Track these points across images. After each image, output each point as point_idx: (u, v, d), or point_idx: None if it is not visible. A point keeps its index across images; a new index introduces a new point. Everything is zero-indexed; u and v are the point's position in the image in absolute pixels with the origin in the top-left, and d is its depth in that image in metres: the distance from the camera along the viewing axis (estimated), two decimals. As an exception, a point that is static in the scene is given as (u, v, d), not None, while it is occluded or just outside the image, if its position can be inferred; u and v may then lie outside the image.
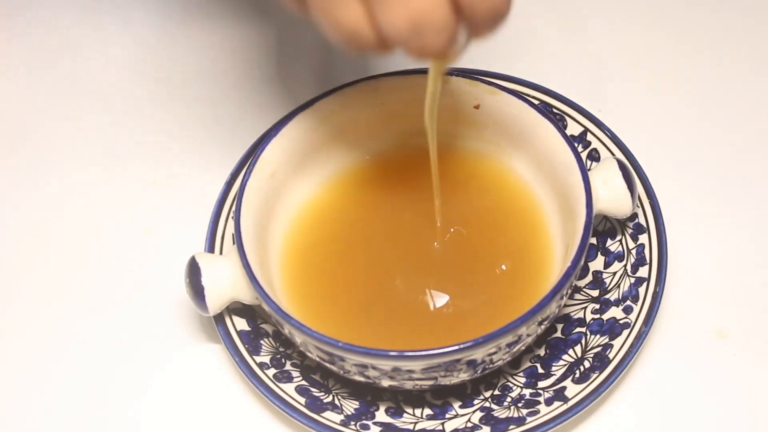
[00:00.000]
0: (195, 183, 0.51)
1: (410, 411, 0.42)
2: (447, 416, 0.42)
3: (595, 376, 0.41)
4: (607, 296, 0.44)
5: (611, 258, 0.45)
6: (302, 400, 0.42)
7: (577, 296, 0.45)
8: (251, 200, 0.43)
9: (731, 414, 0.42)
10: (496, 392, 0.42)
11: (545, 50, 0.55)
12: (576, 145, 0.45)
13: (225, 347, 0.43)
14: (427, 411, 0.42)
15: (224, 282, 0.42)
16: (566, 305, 0.45)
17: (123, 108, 0.55)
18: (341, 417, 0.41)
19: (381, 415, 0.42)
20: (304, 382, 0.43)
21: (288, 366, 0.43)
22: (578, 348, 0.43)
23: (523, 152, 0.45)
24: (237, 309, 0.44)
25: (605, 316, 0.43)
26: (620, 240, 0.46)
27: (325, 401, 0.42)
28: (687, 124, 0.51)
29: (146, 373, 0.45)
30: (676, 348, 0.44)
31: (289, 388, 0.42)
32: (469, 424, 0.41)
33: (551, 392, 0.41)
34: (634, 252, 0.45)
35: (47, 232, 0.50)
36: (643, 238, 0.45)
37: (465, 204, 0.46)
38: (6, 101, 0.56)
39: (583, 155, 0.47)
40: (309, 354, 0.40)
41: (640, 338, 0.42)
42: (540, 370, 0.43)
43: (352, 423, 0.41)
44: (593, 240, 0.46)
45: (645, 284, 0.43)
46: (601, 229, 0.46)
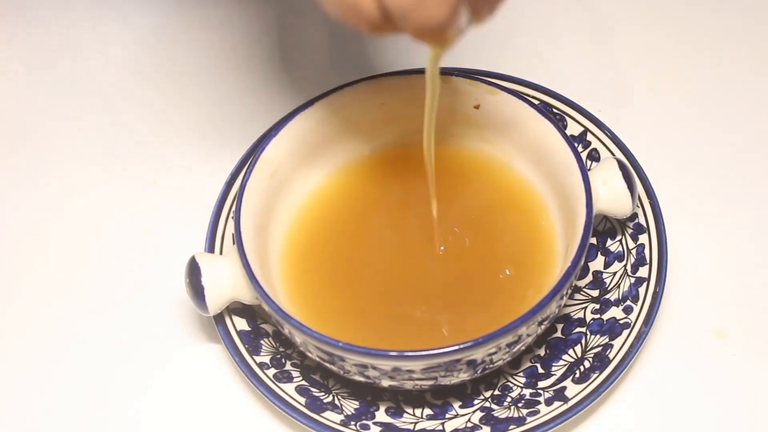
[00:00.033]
0: (195, 183, 0.51)
1: (410, 411, 0.42)
2: (447, 416, 0.42)
3: (595, 376, 0.41)
4: (607, 296, 0.44)
5: (611, 258, 0.45)
6: (302, 400, 0.42)
7: (577, 296, 0.45)
8: (251, 200, 0.43)
9: (731, 414, 0.42)
10: (496, 392, 0.42)
11: (545, 51, 0.55)
12: (576, 145, 0.45)
13: (225, 347, 0.43)
14: (427, 411, 0.42)
15: (224, 282, 0.42)
16: (566, 305, 0.45)
17: (123, 108, 0.54)
18: (341, 417, 0.41)
19: (381, 415, 0.42)
20: (304, 382, 0.43)
21: (288, 366, 0.43)
22: (578, 348, 0.43)
23: (523, 152, 0.45)
24: (237, 309, 0.44)
25: (605, 316, 0.43)
26: (620, 240, 0.46)
27: (325, 401, 0.42)
28: (687, 124, 0.51)
29: (146, 373, 0.45)
30: (676, 348, 0.44)
31: (289, 388, 0.42)
32: (469, 424, 0.41)
33: (551, 392, 0.41)
34: (634, 252, 0.45)
35: (47, 232, 0.50)
36: (643, 238, 0.45)
37: (465, 204, 0.46)
38: (6, 101, 0.56)
39: (583, 155, 0.47)
40: (309, 354, 0.40)
41: (640, 338, 0.42)
42: (540, 370, 0.43)
43: (352, 423, 0.41)
44: (593, 240, 0.46)
45: (645, 284, 0.43)
46: (601, 229, 0.46)
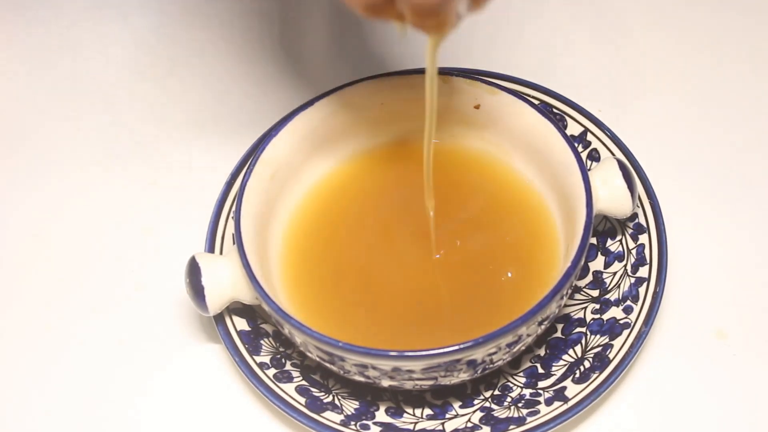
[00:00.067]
0: (195, 183, 0.51)
1: (410, 411, 0.42)
2: (447, 416, 0.42)
3: (595, 376, 0.41)
4: (607, 296, 0.44)
5: (611, 258, 0.45)
6: (302, 400, 0.41)
7: (577, 296, 0.45)
8: (251, 200, 0.43)
9: (731, 414, 0.42)
10: (496, 392, 0.42)
11: (545, 51, 0.55)
12: (576, 145, 0.45)
13: (225, 347, 0.43)
14: (427, 411, 0.42)
15: (224, 282, 0.42)
16: (566, 305, 0.45)
17: (123, 108, 0.54)
18: (341, 417, 0.41)
19: (381, 415, 0.42)
20: (304, 382, 0.42)
21: (288, 366, 0.43)
22: (578, 348, 0.43)
23: (523, 152, 0.45)
24: (237, 309, 0.44)
25: (605, 316, 0.43)
26: (620, 240, 0.46)
27: (325, 401, 0.42)
28: (687, 124, 0.51)
29: (146, 373, 0.45)
30: (676, 348, 0.44)
31: (289, 388, 0.42)
32: (469, 424, 0.41)
33: (551, 392, 0.41)
34: (634, 252, 0.45)
35: (47, 232, 0.50)
36: (643, 238, 0.45)
37: (465, 204, 0.46)
38: (6, 101, 0.56)
39: (583, 155, 0.47)
40: (309, 354, 0.40)
41: (640, 338, 0.42)
42: (540, 370, 0.43)
43: (352, 423, 0.41)
44: (593, 240, 0.46)
45: (645, 284, 0.43)
46: (601, 229, 0.46)
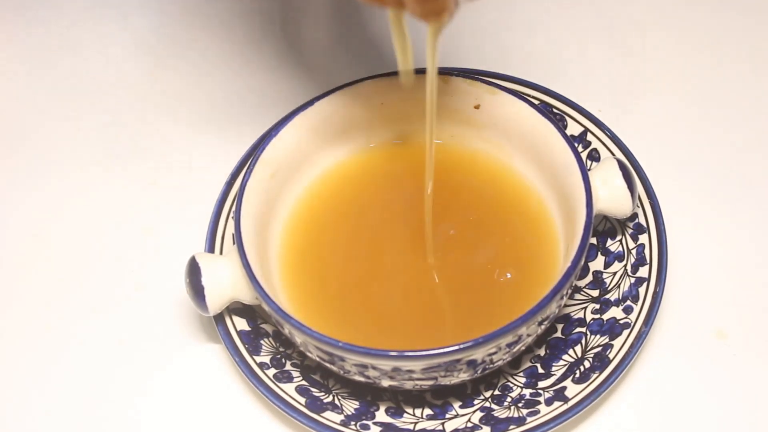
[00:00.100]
0: (195, 183, 0.51)
1: (410, 411, 0.42)
2: (447, 416, 0.42)
3: (595, 376, 0.41)
4: (607, 296, 0.44)
5: (611, 258, 0.45)
6: (302, 400, 0.41)
7: (577, 296, 0.45)
8: (251, 200, 0.43)
9: (731, 414, 0.42)
10: (496, 392, 0.42)
11: (546, 51, 0.55)
12: (576, 145, 0.45)
13: (225, 347, 0.43)
14: (427, 411, 0.42)
15: (224, 282, 0.42)
16: (566, 305, 0.45)
17: (123, 108, 0.54)
18: (341, 417, 0.41)
19: (381, 415, 0.42)
20: (304, 382, 0.42)
21: (288, 366, 0.43)
22: (578, 348, 0.43)
23: (523, 152, 0.45)
24: (237, 309, 0.44)
25: (605, 316, 0.43)
26: (620, 240, 0.46)
27: (325, 401, 0.42)
28: (687, 124, 0.51)
29: (146, 373, 0.45)
30: (676, 348, 0.44)
31: (289, 388, 0.42)
32: (469, 424, 0.41)
33: (551, 392, 0.41)
34: (634, 252, 0.45)
35: (47, 232, 0.50)
36: (643, 238, 0.45)
37: (465, 204, 0.46)
38: (6, 101, 0.56)
39: (583, 155, 0.47)
40: (309, 354, 0.40)
41: (640, 338, 0.42)
42: (540, 370, 0.43)
43: (352, 423, 0.41)
44: (593, 240, 0.46)
45: (645, 284, 0.43)
46: (601, 229, 0.46)
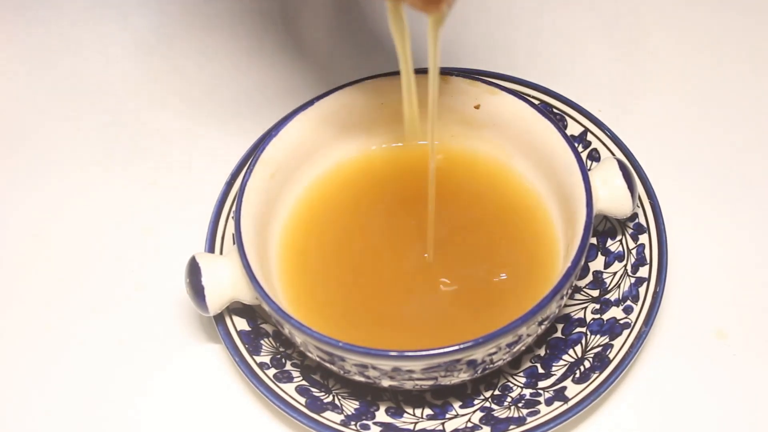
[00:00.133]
0: (195, 183, 0.51)
1: (410, 411, 0.42)
2: (447, 416, 0.42)
3: (596, 376, 0.41)
4: (608, 296, 0.44)
5: (611, 258, 0.45)
6: (302, 400, 0.41)
7: (578, 296, 0.45)
8: (251, 200, 0.43)
9: (731, 414, 0.42)
10: (497, 392, 0.42)
11: (546, 50, 0.55)
12: (576, 145, 0.45)
13: (225, 347, 0.43)
14: (427, 411, 0.42)
15: (224, 282, 0.41)
16: (566, 305, 0.45)
17: (123, 108, 0.54)
18: (341, 417, 0.41)
19: (381, 415, 0.42)
20: (304, 382, 0.42)
21: (288, 366, 0.43)
22: (578, 348, 0.43)
23: (523, 152, 0.45)
24: (237, 309, 0.44)
25: (605, 316, 0.43)
26: (620, 240, 0.45)
27: (326, 401, 0.42)
28: (687, 124, 0.51)
29: (146, 373, 0.45)
30: (676, 348, 0.44)
31: (289, 388, 0.42)
32: (470, 424, 0.41)
33: (551, 392, 0.41)
34: (635, 252, 0.45)
35: (47, 232, 0.50)
36: (643, 238, 0.45)
37: (465, 204, 0.46)
38: (6, 101, 0.56)
39: (583, 155, 0.47)
40: (309, 354, 0.40)
41: (641, 338, 0.42)
42: (540, 370, 0.43)
43: (353, 423, 0.41)
44: (593, 240, 0.46)
45: (645, 284, 0.43)
46: (601, 229, 0.46)
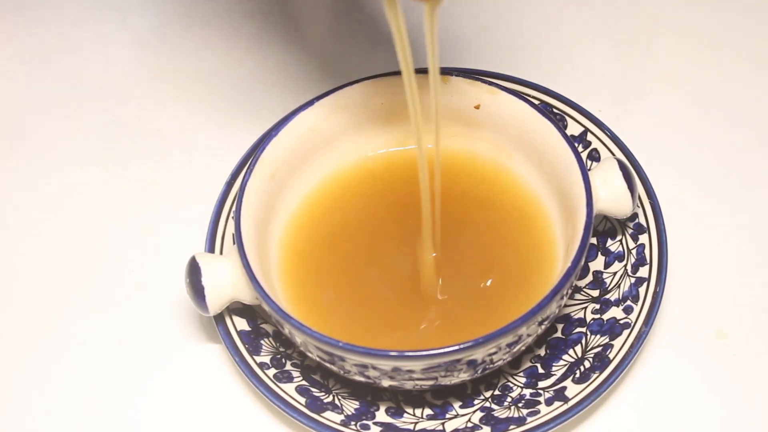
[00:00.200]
0: (195, 183, 0.51)
1: (410, 411, 0.42)
2: (447, 416, 0.42)
3: (596, 376, 0.41)
4: (608, 296, 0.44)
5: (611, 258, 0.45)
6: (302, 400, 0.41)
7: (578, 296, 0.45)
8: (251, 200, 0.43)
9: (731, 414, 0.42)
10: (497, 392, 0.42)
11: (545, 50, 0.55)
12: (576, 145, 0.45)
13: (225, 347, 0.43)
14: (428, 411, 0.42)
15: (224, 282, 0.41)
16: (566, 305, 0.45)
17: (123, 108, 0.54)
18: (341, 417, 0.41)
19: (381, 415, 0.42)
20: (305, 382, 0.42)
21: (288, 366, 0.43)
22: (578, 348, 0.43)
23: (523, 152, 0.45)
24: (237, 309, 0.44)
25: (605, 316, 0.43)
26: (620, 240, 0.46)
27: (326, 401, 0.42)
28: (687, 124, 0.51)
29: (146, 373, 0.45)
30: (676, 348, 0.44)
31: (290, 388, 0.42)
32: (470, 424, 0.41)
33: (551, 392, 0.41)
34: (635, 252, 0.45)
35: (47, 232, 0.50)
36: (644, 238, 0.45)
37: (465, 204, 0.46)
38: (6, 101, 0.56)
39: (583, 155, 0.47)
40: (309, 354, 0.40)
41: (641, 338, 0.42)
42: (540, 370, 0.43)
43: (353, 423, 0.41)
44: (593, 240, 0.46)
45: (645, 284, 0.43)
46: (601, 229, 0.46)
